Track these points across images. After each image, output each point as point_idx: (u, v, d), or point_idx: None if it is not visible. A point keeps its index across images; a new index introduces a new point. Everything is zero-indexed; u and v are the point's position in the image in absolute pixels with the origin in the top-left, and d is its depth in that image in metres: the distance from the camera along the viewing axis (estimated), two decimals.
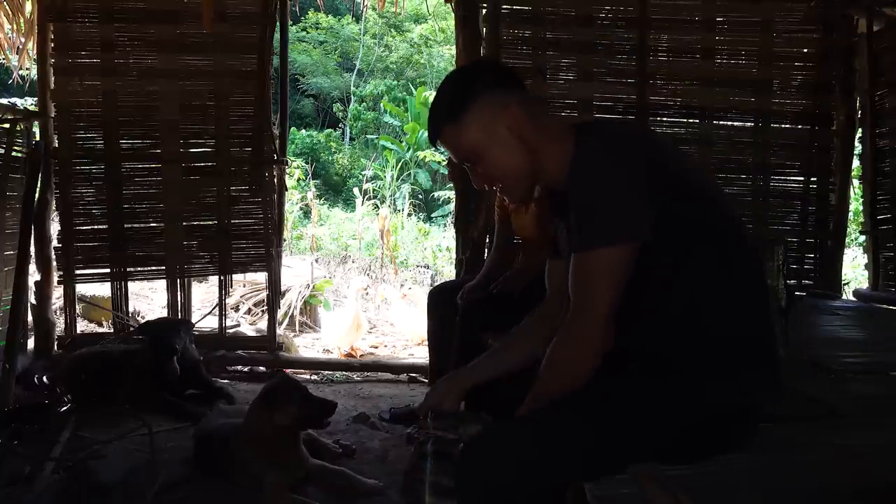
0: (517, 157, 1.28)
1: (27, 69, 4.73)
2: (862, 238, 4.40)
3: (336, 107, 14.46)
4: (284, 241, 4.36)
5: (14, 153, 3.25)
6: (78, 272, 3.55)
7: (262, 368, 3.66)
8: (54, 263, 3.52)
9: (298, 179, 8.45)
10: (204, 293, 5.01)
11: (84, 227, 3.56)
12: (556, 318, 1.31)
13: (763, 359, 1.23)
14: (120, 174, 3.56)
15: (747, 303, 1.23)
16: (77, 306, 3.71)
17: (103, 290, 4.10)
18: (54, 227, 3.57)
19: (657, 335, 1.21)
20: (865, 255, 3.99)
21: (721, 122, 3.61)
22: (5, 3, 4.09)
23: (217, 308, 3.68)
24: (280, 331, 4.00)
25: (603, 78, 3.48)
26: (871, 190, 3.64)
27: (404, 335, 4.61)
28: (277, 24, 3.63)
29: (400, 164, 10.89)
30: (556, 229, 1.41)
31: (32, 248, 3.34)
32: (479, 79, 1.30)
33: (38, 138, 3.55)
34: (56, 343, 3.56)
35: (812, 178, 3.59)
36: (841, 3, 3.49)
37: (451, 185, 3.72)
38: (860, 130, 3.65)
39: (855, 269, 6.06)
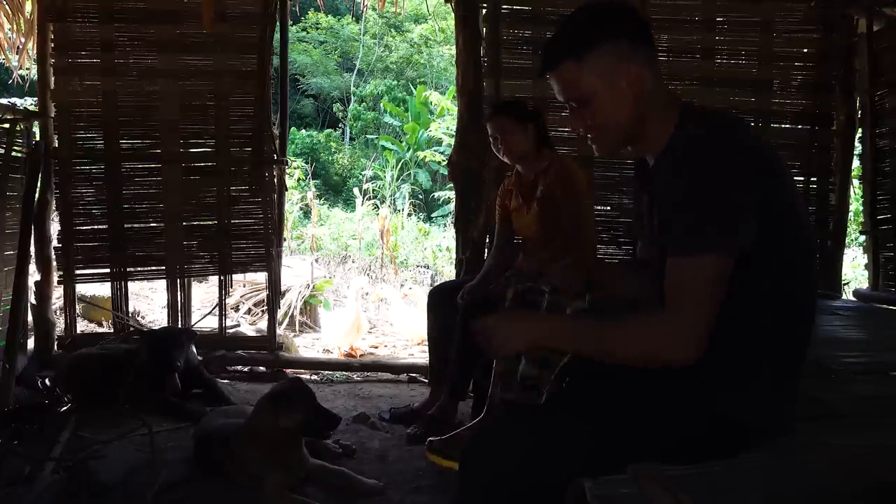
0: (625, 114, 1.23)
1: (27, 69, 4.73)
2: (862, 238, 4.40)
3: (336, 107, 14.46)
4: (284, 241, 4.36)
5: (14, 153, 3.25)
6: (78, 272, 3.55)
7: (262, 368, 3.66)
8: (54, 263, 3.52)
9: (298, 179, 8.46)
10: (204, 293, 5.01)
11: (84, 227, 3.56)
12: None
13: (786, 383, 1.21)
14: (120, 174, 3.56)
15: (795, 329, 1.20)
16: (77, 306, 3.71)
17: (103, 290, 4.10)
18: (54, 227, 3.57)
19: None
20: (865, 255, 3.99)
21: None
22: (5, 3, 4.09)
23: (217, 308, 3.67)
24: (280, 331, 4.00)
25: None
26: (871, 190, 3.64)
27: (404, 335, 4.61)
28: (277, 24, 3.62)
29: (400, 164, 10.89)
30: (639, 205, 1.38)
31: (32, 248, 3.34)
32: (618, 22, 1.23)
33: (38, 138, 3.55)
34: (56, 343, 3.56)
35: (812, 178, 3.59)
36: (841, 3, 3.49)
37: (451, 185, 3.72)
38: (860, 130, 3.64)
39: (855, 269, 6.06)
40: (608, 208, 3.52)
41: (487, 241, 3.41)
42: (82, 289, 3.97)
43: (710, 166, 1.11)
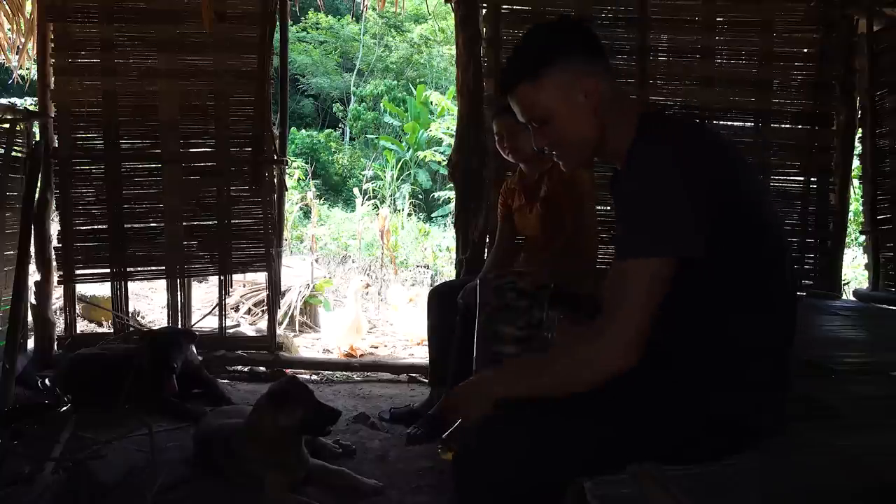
0: (587, 127, 1.24)
1: (27, 69, 4.73)
2: (862, 238, 4.40)
3: (336, 107, 14.46)
4: (284, 241, 4.36)
5: (14, 153, 3.25)
6: (78, 272, 3.55)
7: (262, 368, 3.66)
8: (54, 263, 3.52)
9: (298, 179, 8.46)
10: (204, 293, 5.01)
11: (84, 227, 3.55)
12: None
13: (776, 382, 1.22)
14: (120, 174, 3.56)
15: (776, 327, 1.21)
16: (77, 306, 3.71)
17: (103, 290, 4.10)
18: (54, 227, 3.57)
19: (677, 340, 1.19)
20: (865, 255, 3.99)
21: (721, 122, 3.61)
22: (5, 3, 4.09)
23: (217, 308, 3.67)
24: (280, 331, 4.00)
25: None
26: (871, 190, 3.64)
27: (404, 335, 4.61)
28: (277, 24, 3.62)
29: (400, 164, 10.89)
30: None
31: (32, 248, 3.34)
32: (568, 39, 1.25)
33: (38, 138, 3.55)
34: (56, 343, 3.56)
35: (812, 178, 3.59)
36: (841, 3, 3.49)
37: (451, 185, 3.72)
38: (860, 130, 3.64)
39: (855, 269, 6.06)
40: (608, 208, 3.52)
41: (487, 241, 3.41)
42: (82, 289, 3.97)
43: (657, 173, 1.12)
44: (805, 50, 3.57)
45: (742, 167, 1.22)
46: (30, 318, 3.37)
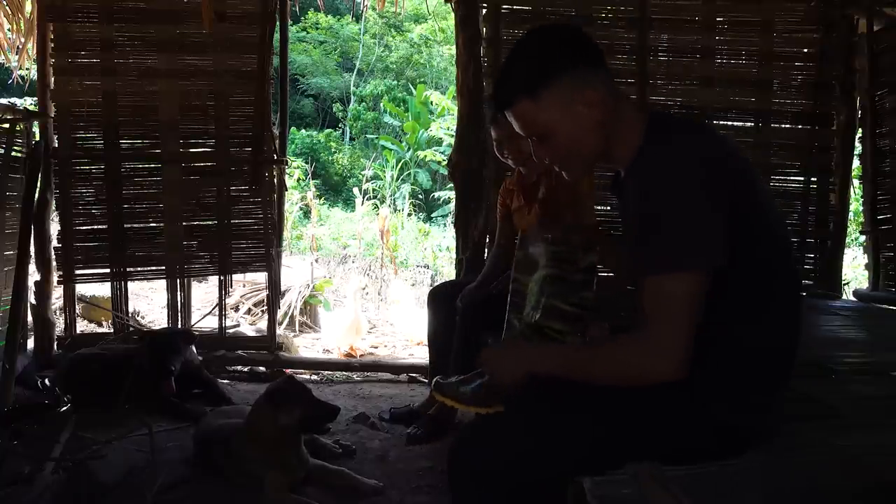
0: (591, 138, 1.22)
1: (27, 69, 4.73)
2: (862, 238, 4.40)
3: (336, 107, 14.46)
4: (284, 240, 4.36)
5: (14, 153, 3.25)
6: (78, 272, 3.55)
7: (262, 368, 3.66)
8: (54, 263, 3.52)
9: (298, 179, 8.46)
10: (204, 293, 5.01)
11: (84, 227, 3.55)
12: None
13: (778, 384, 1.22)
14: (120, 174, 3.55)
15: (780, 330, 1.21)
16: (77, 306, 3.71)
17: (103, 290, 4.09)
18: (54, 227, 3.57)
19: None
20: (865, 255, 3.99)
21: (721, 122, 3.61)
22: (5, 3, 4.09)
23: (217, 308, 3.67)
24: (280, 331, 4.00)
25: None
26: (871, 190, 3.64)
27: (404, 335, 4.61)
28: (277, 24, 3.62)
29: (400, 164, 10.90)
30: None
31: (32, 248, 3.34)
32: (567, 49, 1.20)
33: (37, 138, 3.55)
34: (56, 343, 3.56)
35: (812, 178, 3.59)
36: (841, 3, 3.49)
37: (451, 185, 3.72)
38: (860, 130, 3.64)
39: (855, 269, 6.06)
40: (608, 208, 3.52)
41: (487, 241, 3.41)
42: (82, 289, 3.97)
43: (678, 186, 1.11)
44: (805, 50, 3.57)
45: (748, 170, 1.20)
46: (30, 318, 3.37)
